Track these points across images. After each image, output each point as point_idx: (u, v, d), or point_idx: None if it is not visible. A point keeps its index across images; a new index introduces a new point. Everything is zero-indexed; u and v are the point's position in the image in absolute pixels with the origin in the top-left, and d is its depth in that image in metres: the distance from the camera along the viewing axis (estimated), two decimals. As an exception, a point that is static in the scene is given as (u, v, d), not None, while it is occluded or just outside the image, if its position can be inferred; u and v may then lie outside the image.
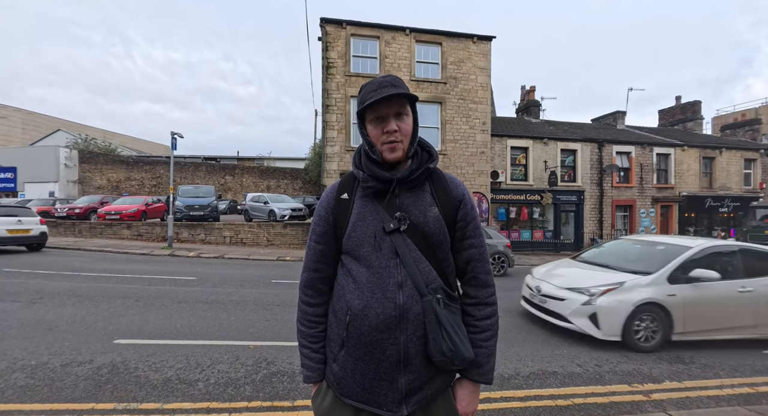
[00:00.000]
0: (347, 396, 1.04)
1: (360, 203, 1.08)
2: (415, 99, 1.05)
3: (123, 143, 35.41)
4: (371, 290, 1.01)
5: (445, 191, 1.10)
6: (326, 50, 13.54)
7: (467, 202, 1.11)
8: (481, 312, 1.09)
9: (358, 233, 1.05)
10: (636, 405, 2.92)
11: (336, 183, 1.16)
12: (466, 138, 14.51)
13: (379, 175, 1.05)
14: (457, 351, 0.96)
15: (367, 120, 1.05)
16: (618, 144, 16.96)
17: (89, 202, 16.44)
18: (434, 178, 1.11)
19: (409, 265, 1.01)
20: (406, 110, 1.04)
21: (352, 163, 1.14)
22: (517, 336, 4.47)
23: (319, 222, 1.12)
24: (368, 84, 1.05)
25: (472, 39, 14.46)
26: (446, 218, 1.07)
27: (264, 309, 5.29)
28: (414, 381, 1.00)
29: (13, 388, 2.78)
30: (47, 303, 5.17)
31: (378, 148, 1.05)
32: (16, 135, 31.39)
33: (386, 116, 1.02)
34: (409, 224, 1.04)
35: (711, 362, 3.91)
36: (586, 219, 16.42)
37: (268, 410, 2.62)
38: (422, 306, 0.99)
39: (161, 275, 7.63)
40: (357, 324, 1.01)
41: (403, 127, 1.03)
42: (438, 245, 1.05)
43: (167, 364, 3.31)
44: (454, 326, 0.99)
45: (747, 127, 21.10)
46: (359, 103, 1.05)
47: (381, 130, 1.03)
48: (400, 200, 1.06)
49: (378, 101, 0.99)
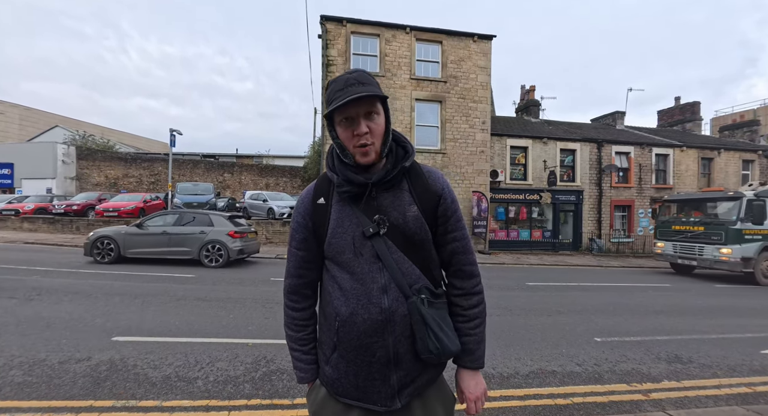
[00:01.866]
0: (342, 395, 1.06)
1: (337, 208, 1.06)
2: (385, 98, 1.01)
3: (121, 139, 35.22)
4: (356, 297, 1.00)
5: (424, 187, 1.07)
6: (326, 48, 13.49)
7: (447, 196, 1.08)
8: (468, 302, 1.10)
9: (337, 239, 1.03)
10: (635, 404, 2.92)
11: (311, 187, 1.12)
12: (465, 137, 14.50)
13: (353, 179, 1.02)
14: (443, 348, 0.99)
15: (336, 121, 1.00)
16: (617, 144, 16.99)
17: (87, 199, 16.38)
18: (412, 174, 1.08)
19: (391, 268, 1.00)
20: (377, 109, 0.99)
21: (326, 165, 1.10)
22: (516, 335, 4.48)
23: (298, 229, 1.10)
24: (334, 82, 1.00)
25: (473, 38, 14.43)
26: (426, 215, 1.05)
27: (263, 307, 5.28)
28: (405, 377, 1.02)
29: (10, 385, 2.76)
30: (45, 300, 5.15)
31: (350, 150, 1.01)
32: (13, 131, 31.19)
33: (355, 116, 0.97)
34: (388, 225, 1.01)
35: (709, 362, 3.93)
36: (585, 219, 16.46)
37: (268, 408, 2.61)
38: (408, 308, 1.00)
39: (159, 273, 7.61)
40: (346, 330, 1.01)
41: (374, 127, 0.99)
42: (420, 243, 1.04)
43: (166, 362, 3.30)
44: (440, 323, 1.01)
45: (745, 128, 21.19)
46: (326, 103, 1.01)
47: (351, 132, 0.98)
48: (378, 201, 1.03)
49: (345, 104, 0.94)
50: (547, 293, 7.40)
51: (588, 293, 7.55)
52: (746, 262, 9.40)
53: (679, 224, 10.90)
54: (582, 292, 7.62)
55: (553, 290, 7.69)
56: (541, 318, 5.31)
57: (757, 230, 9.63)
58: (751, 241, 9.52)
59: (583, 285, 8.45)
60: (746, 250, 9.43)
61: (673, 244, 10.87)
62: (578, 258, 14.13)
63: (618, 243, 16.52)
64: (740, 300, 7.47)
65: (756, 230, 9.63)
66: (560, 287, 8.20)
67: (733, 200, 9.93)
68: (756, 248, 9.50)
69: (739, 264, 9.40)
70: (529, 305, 6.15)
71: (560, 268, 11.73)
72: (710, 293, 8.18)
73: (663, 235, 11.36)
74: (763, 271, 9.60)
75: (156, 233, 8.91)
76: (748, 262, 9.40)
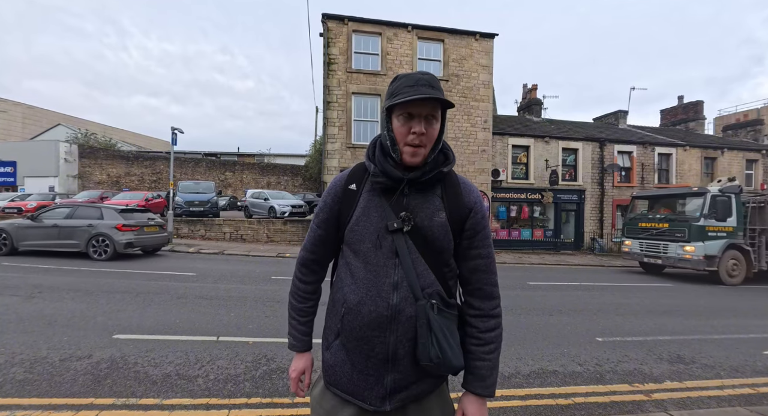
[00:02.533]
0: (333, 384, 1.06)
1: (366, 197, 1.07)
2: (450, 106, 1.03)
3: (123, 138, 35.31)
4: (366, 288, 1.01)
5: (457, 197, 1.07)
6: (328, 46, 13.47)
7: (478, 211, 1.07)
8: (485, 324, 1.07)
9: (360, 227, 1.04)
10: (637, 404, 2.91)
11: (346, 172, 1.14)
12: (467, 136, 14.47)
13: (390, 172, 1.03)
14: (444, 358, 0.95)
15: (395, 115, 1.01)
16: (619, 143, 16.92)
17: (89, 197, 16.43)
18: (447, 182, 1.08)
19: (407, 266, 1.00)
20: (437, 115, 1.01)
21: (365, 154, 1.12)
22: (518, 335, 4.46)
23: (324, 208, 1.12)
24: (404, 77, 1.02)
25: (475, 36, 14.38)
26: (453, 224, 1.04)
27: (263, 306, 5.28)
28: (400, 381, 1.00)
29: (11, 382, 2.77)
30: (46, 298, 5.16)
31: (400, 147, 1.02)
32: (16, 129, 31.29)
33: (417, 115, 0.99)
34: (413, 225, 1.01)
35: (712, 362, 3.90)
36: (587, 219, 16.41)
37: (268, 406, 2.61)
38: (415, 310, 0.99)
39: (161, 271, 7.62)
40: (350, 318, 1.02)
41: (430, 131, 1.00)
42: (440, 250, 1.04)
43: (166, 360, 3.30)
44: (446, 333, 0.98)
45: (749, 127, 21.06)
46: (390, 94, 1.02)
47: (408, 129, 0.99)
48: (408, 200, 1.04)
49: (413, 101, 0.96)
50: (548, 292, 7.37)
51: (589, 292, 7.52)
52: (710, 260, 9.06)
53: (646, 221, 10.55)
54: (583, 292, 7.59)
55: (554, 290, 7.67)
56: (542, 318, 5.29)
57: (721, 227, 9.25)
58: (715, 238, 9.15)
59: (584, 285, 8.42)
60: (710, 248, 9.11)
61: (639, 242, 10.53)
62: (580, 258, 14.09)
63: (620, 243, 16.45)
64: (744, 301, 7.43)
65: (720, 226, 9.25)
66: (562, 286, 8.17)
67: (698, 196, 9.60)
68: (720, 246, 9.14)
69: (702, 262, 9.07)
70: (531, 304, 6.13)
71: (562, 268, 11.70)
72: (713, 293, 8.14)
73: (630, 233, 10.95)
74: (728, 270, 9.21)
75: (47, 225, 8.98)
76: (711, 260, 9.06)
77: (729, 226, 9.29)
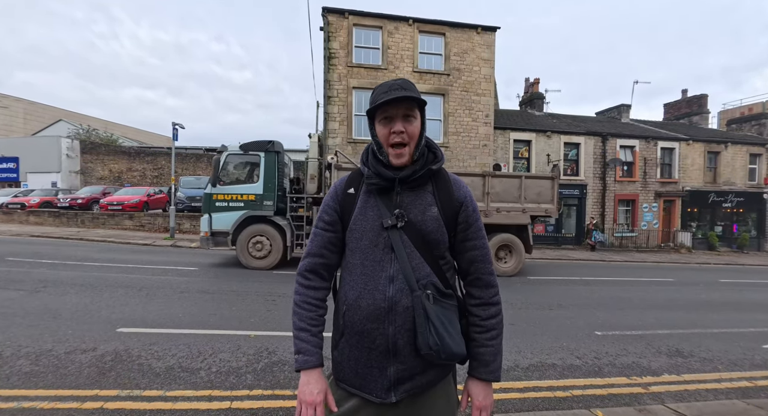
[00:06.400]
0: (342, 380, 1.11)
1: (363, 199, 1.14)
2: (424, 103, 1.10)
3: (124, 133, 35.30)
4: (364, 282, 1.06)
5: (448, 193, 1.13)
6: (328, 40, 13.36)
7: (469, 204, 1.14)
8: (486, 312, 1.13)
9: (358, 226, 1.10)
10: (635, 397, 2.93)
11: (344, 177, 1.22)
12: (468, 130, 14.39)
13: (382, 173, 1.10)
14: (443, 345, 0.98)
15: (377, 120, 1.10)
16: (622, 138, 16.79)
17: (92, 192, 16.50)
18: (438, 179, 1.15)
19: (402, 260, 1.05)
20: (414, 113, 1.08)
21: (360, 160, 1.20)
22: (517, 328, 4.49)
23: (328, 210, 1.17)
24: (380, 86, 1.10)
25: (477, 29, 14.23)
26: (446, 218, 1.10)
27: (265, 300, 5.32)
28: (403, 371, 1.04)
29: (18, 374, 2.82)
30: (51, 292, 5.22)
31: (385, 150, 1.10)
32: (18, 125, 31.33)
33: (394, 116, 1.07)
34: (407, 221, 1.07)
35: (710, 356, 3.93)
36: (589, 213, 16.36)
37: (270, 398, 2.65)
38: (412, 301, 1.03)
39: (163, 266, 7.67)
40: (351, 314, 1.07)
41: (410, 129, 1.07)
42: (435, 243, 1.09)
43: (169, 353, 3.34)
44: (444, 321, 1.01)
45: (753, 121, 20.82)
46: (370, 103, 1.10)
47: (389, 130, 1.07)
48: (401, 198, 1.10)
49: (387, 102, 1.04)
50: (548, 286, 7.40)
51: (589, 287, 7.54)
52: (217, 237, 7.47)
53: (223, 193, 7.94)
54: (583, 286, 7.61)
55: (554, 284, 7.69)
56: (542, 312, 5.32)
57: (236, 195, 7.49)
58: (227, 209, 7.47)
59: (584, 279, 8.44)
60: (218, 221, 7.45)
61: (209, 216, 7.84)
62: (581, 253, 14.09)
63: (621, 238, 16.44)
64: (743, 295, 7.43)
65: (235, 194, 7.51)
66: (562, 281, 8.20)
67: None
68: (234, 220, 7.43)
69: (207, 240, 7.46)
70: (531, 298, 6.16)
71: (562, 262, 11.71)
72: (713, 287, 8.14)
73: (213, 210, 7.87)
74: (249, 250, 7.49)
75: None
76: (221, 237, 7.45)
77: (250, 194, 7.57)
